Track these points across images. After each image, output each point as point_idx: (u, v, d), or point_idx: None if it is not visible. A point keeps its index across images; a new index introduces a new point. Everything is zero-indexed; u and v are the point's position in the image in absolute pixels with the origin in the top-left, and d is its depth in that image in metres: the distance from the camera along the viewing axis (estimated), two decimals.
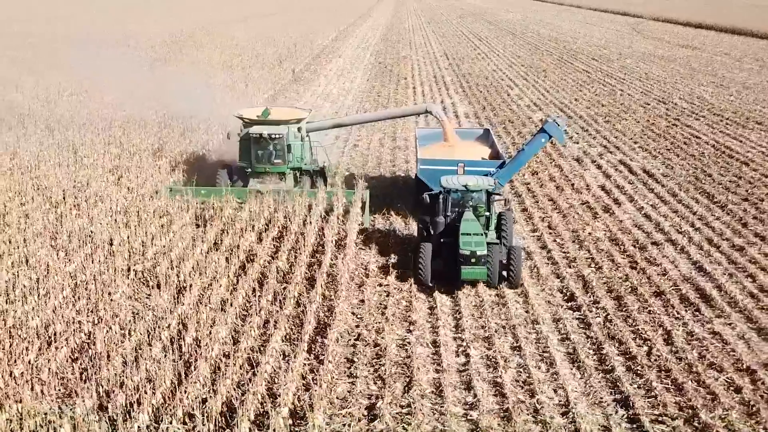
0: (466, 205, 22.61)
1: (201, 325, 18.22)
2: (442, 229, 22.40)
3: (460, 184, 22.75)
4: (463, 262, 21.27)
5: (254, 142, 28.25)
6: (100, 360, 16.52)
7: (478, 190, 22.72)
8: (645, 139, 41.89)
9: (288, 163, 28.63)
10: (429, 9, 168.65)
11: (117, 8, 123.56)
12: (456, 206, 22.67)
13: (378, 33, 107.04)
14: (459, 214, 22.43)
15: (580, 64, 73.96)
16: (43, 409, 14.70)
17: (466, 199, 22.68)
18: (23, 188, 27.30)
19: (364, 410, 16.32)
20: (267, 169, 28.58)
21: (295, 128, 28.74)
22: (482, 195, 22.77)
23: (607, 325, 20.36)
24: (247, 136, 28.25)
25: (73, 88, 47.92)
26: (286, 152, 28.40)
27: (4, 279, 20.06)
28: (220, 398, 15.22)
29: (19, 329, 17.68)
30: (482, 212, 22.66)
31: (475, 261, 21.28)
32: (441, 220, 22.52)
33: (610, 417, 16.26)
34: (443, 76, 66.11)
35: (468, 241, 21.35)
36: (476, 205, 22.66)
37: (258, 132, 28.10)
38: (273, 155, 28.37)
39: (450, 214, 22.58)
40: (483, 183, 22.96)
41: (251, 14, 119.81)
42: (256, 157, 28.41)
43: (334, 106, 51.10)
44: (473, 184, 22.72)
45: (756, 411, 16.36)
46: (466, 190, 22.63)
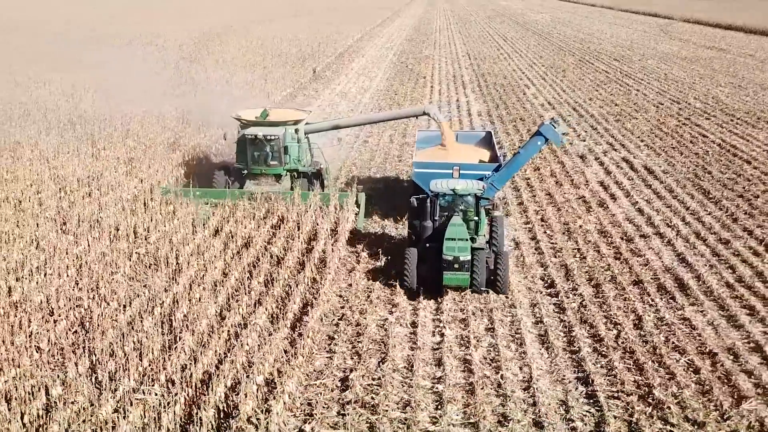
0: (455, 209, 22.31)
1: (192, 302, 19.46)
2: (429, 234, 22.02)
3: (448, 187, 22.29)
4: (446, 267, 20.92)
5: (250, 144, 27.98)
6: (95, 332, 17.79)
7: (467, 194, 22.32)
8: (652, 138, 42.49)
9: (284, 165, 28.41)
10: (459, 10, 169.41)
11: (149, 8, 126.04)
12: (445, 210, 22.33)
13: (404, 33, 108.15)
14: (448, 219, 22.03)
15: (601, 64, 74.36)
16: (39, 374, 16.00)
17: (456, 203, 22.32)
18: (40, 177, 28.80)
19: (338, 381, 17.46)
20: (263, 170, 28.41)
21: (292, 130, 28.49)
22: (471, 199, 22.36)
23: (581, 310, 21.28)
24: (244, 138, 28.09)
25: (98, 85, 49.55)
26: (282, 154, 28.17)
27: (15, 259, 21.50)
28: (201, 367, 16.41)
29: (23, 303, 19.06)
30: (471, 216, 22.26)
31: (458, 267, 20.92)
32: (429, 224, 22.14)
33: (568, 393, 17.21)
34: (462, 75, 67.03)
35: (451, 246, 20.96)
36: (466, 209, 22.30)
37: (253, 133, 27.90)
38: (269, 157, 28.16)
39: (439, 218, 22.20)
40: (472, 187, 22.52)
41: (280, 15, 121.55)
42: (252, 159, 28.18)
43: (350, 104, 52.28)
44: (461, 188, 22.30)
45: (709, 390, 17.19)
46: (454, 194, 22.23)
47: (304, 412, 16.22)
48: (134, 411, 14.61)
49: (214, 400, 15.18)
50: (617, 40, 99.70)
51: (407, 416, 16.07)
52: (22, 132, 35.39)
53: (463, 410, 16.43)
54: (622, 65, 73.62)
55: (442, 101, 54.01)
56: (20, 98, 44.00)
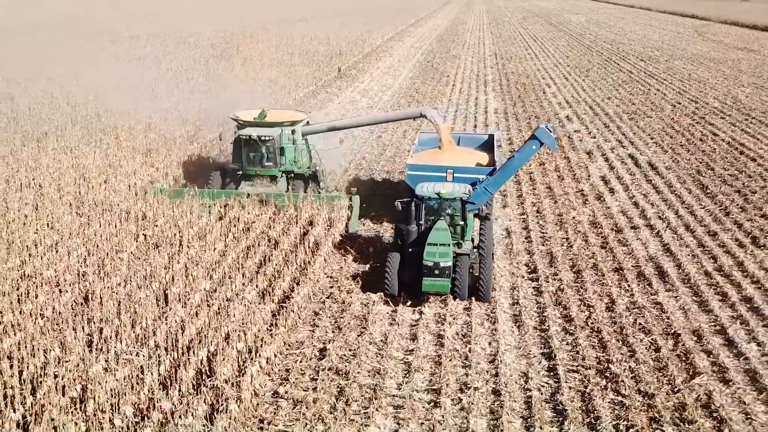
0: (442, 213, 21.87)
1: (189, 279, 20.93)
2: (414, 238, 21.59)
3: (433, 191, 21.87)
4: (426, 273, 20.47)
5: (245, 144, 27.82)
6: (95, 302, 19.34)
7: (452, 199, 21.81)
8: (662, 136, 43.18)
9: (280, 167, 28.23)
10: (495, 11, 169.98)
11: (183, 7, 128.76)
12: (431, 214, 21.87)
13: (435, 33, 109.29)
14: (434, 223, 21.66)
15: (626, 64, 74.79)
16: (42, 339, 17.56)
17: (443, 207, 21.85)
18: (62, 165, 30.55)
19: (316, 352, 18.80)
20: (258, 171, 28.17)
21: (288, 131, 28.23)
22: (457, 203, 21.90)
23: (557, 294, 22.34)
24: (239, 138, 28.02)
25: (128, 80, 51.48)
26: (278, 155, 27.97)
27: (31, 238, 23.20)
28: (188, 335, 17.85)
29: (33, 277, 20.69)
30: (457, 221, 21.87)
31: (438, 273, 20.45)
32: (413, 229, 21.72)
33: (531, 366, 18.34)
34: (486, 74, 68.03)
35: (432, 251, 20.52)
36: (453, 214, 21.88)
37: (248, 134, 27.73)
38: (264, 158, 27.96)
39: (424, 222, 21.76)
40: (457, 191, 21.99)
41: (316, 15, 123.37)
42: (247, 160, 28.01)
43: (370, 101, 53.61)
44: (447, 191, 21.83)
45: (665, 366, 18.18)
46: (438, 198, 21.77)
47: (281, 376, 17.57)
48: (121, 370, 16.06)
49: (195, 361, 16.58)
50: (648, 41, 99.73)
51: (376, 383, 17.34)
52: (50, 123, 37.30)
53: (429, 379, 17.64)
54: (648, 65, 73.96)
55: (461, 99, 55.09)
56: (52, 92, 46.05)
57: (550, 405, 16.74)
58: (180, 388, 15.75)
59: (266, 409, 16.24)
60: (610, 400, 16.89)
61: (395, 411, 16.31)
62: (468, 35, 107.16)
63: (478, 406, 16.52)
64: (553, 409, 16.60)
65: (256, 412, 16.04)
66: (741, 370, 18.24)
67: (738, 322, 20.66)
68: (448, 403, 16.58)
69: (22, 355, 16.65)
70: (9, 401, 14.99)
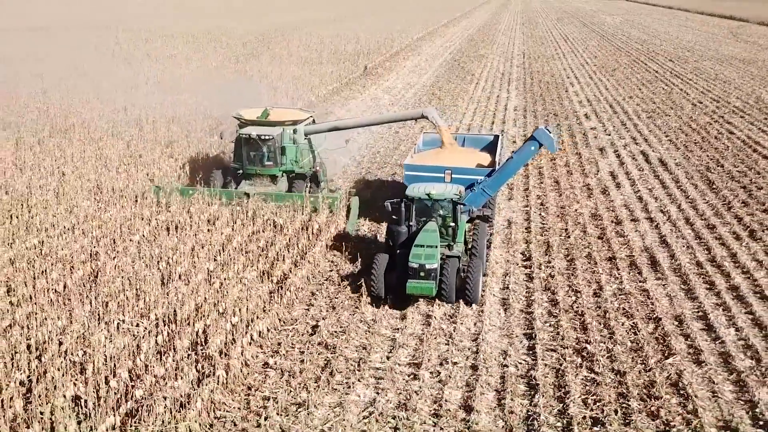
0: (433, 214, 21.64)
1: (195, 260, 22.12)
2: (404, 239, 21.32)
3: (423, 192, 21.61)
4: (411, 275, 20.11)
5: (245, 143, 27.76)
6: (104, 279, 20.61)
7: (442, 199, 21.53)
8: (677, 133, 43.55)
9: (280, 166, 28.16)
10: (530, 11, 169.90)
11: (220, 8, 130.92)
12: (423, 215, 21.67)
13: (467, 33, 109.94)
14: (425, 224, 21.51)
15: (654, 64, 74.83)
16: (51, 310, 18.86)
17: (435, 208, 21.59)
18: (86, 155, 32.03)
19: (309, 328, 19.86)
20: (258, 171, 28.05)
21: (290, 131, 28.13)
22: (448, 204, 21.63)
23: (548, 280, 23.13)
24: (240, 137, 27.97)
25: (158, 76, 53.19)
26: (278, 155, 27.88)
27: (50, 221, 24.61)
28: (187, 309, 19.01)
29: (49, 255, 22.05)
30: (448, 222, 21.63)
31: (424, 275, 20.07)
32: (403, 230, 21.47)
33: (512, 345, 19.20)
34: (511, 73, 68.64)
35: (419, 253, 20.19)
36: (444, 215, 21.66)
37: (248, 133, 27.69)
38: (264, 157, 27.88)
39: (414, 223, 21.55)
40: (448, 192, 21.77)
41: (349, 15, 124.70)
42: (248, 159, 27.94)
43: (393, 99, 54.61)
44: (437, 192, 21.57)
45: (641, 348, 18.93)
46: (428, 199, 21.52)
47: (273, 349, 18.65)
48: (121, 338, 17.26)
49: (190, 331, 17.73)
50: (680, 41, 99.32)
51: (361, 357, 18.35)
52: (78, 116, 38.90)
53: (412, 354, 18.60)
54: (675, 66, 73.92)
55: (482, 97, 55.83)
56: (84, 88, 47.80)
57: (525, 380, 17.59)
58: (174, 357, 16.88)
59: (255, 378, 17.32)
60: (582, 377, 17.69)
61: (376, 382, 17.28)
62: (499, 35, 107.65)
63: (455, 380, 17.43)
64: (526, 384, 17.45)
65: (245, 380, 17.14)
66: (716, 353, 18.89)
67: (721, 308, 21.27)
68: (427, 376, 17.53)
69: (31, 324, 17.92)
70: (16, 364, 16.23)
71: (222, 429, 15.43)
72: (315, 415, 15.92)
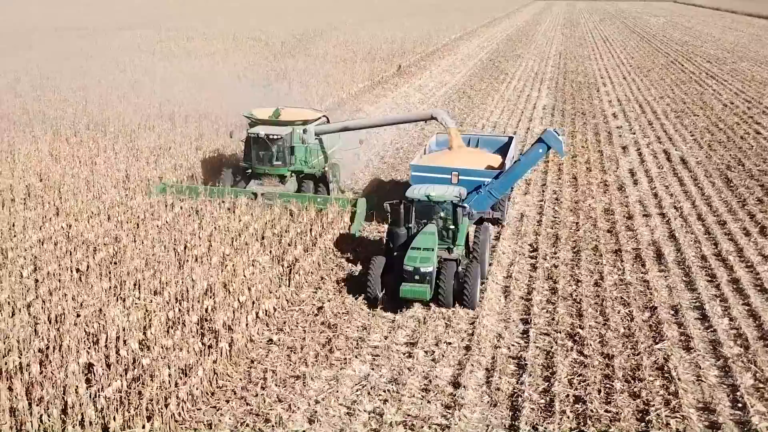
0: (433, 216, 21.30)
1: (211, 243, 23.27)
2: (403, 241, 21.03)
3: (423, 194, 21.26)
4: (406, 278, 19.79)
5: (254, 143, 27.83)
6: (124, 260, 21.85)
7: (442, 201, 21.19)
8: (703, 133, 43.70)
9: (289, 166, 28.17)
10: (573, 13, 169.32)
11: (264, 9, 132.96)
12: (423, 217, 21.34)
13: (505, 34, 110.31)
14: (425, 226, 21.25)
15: (690, 65, 74.58)
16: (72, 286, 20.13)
17: (435, 210, 21.24)
18: (118, 146, 33.47)
19: (315, 309, 20.85)
20: (267, 170, 28.10)
21: (300, 130, 28.17)
22: (448, 207, 21.28)
23: (551, 270, 23.81)
24: (250, 136, 28.06)
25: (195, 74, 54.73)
26: (287, 155, 27.88)
27: (79, 207, 25.98)
28: (199, 288, 20.12)
29: (74, 238, 23.37)
30: (449, 225, 21.30)
31: (419, 278, 19.74)
32: (402, 232, 21.15)
33: (507, 329, 19.96)
34: (544, 72, 69.04)
35: (414, 256, 19.88)
36: (445, 217, 21.30)
37: (256, 132, 27.82)
38: (273, 157, 27.92)
39: (414, 225, 21.29)
40: (448, 194, 21.37)
41: (389, 15, 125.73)
42: (257, 158, 28.03)
43: (423, 97, 55.48)
44: (436, 194, 21.18)
45: (632, 333, 19.57)
46: (428, 201, 21.20)
47: (278, 327, 19.68)
48: (134, 313, 18.42)
49: (199, 308, 18.84)
50: (722, 43, 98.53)
51: (361, 336, 19.29)
52: (113, 110, 40.47)
53: (410, 334, 19.48)
54: (712, 66, 73.60)
55: (513, 95, 56.40)
56: (121, 83, 49.50)
57: (515, 361, 18.36)
58: (182, 330, 17.99)
59: (258, 353, 18.36)
60: (572, 360, 18.38)
61: (372, 359, 18.20)
62: (539, 36, 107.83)
63: (448, 358, 18.27)
64: (516, 364, 18.22)
65: (249, 354, 18.19)
66: (706, 340, 19.44)
67: (718, 300, 21.76)
68: (421, 354, 18.40)
69: (53, 299, 19.19)
70: (36, 332, 17.49)
71: (222, 397, 16.47)
72: (311, 386, 16.88)
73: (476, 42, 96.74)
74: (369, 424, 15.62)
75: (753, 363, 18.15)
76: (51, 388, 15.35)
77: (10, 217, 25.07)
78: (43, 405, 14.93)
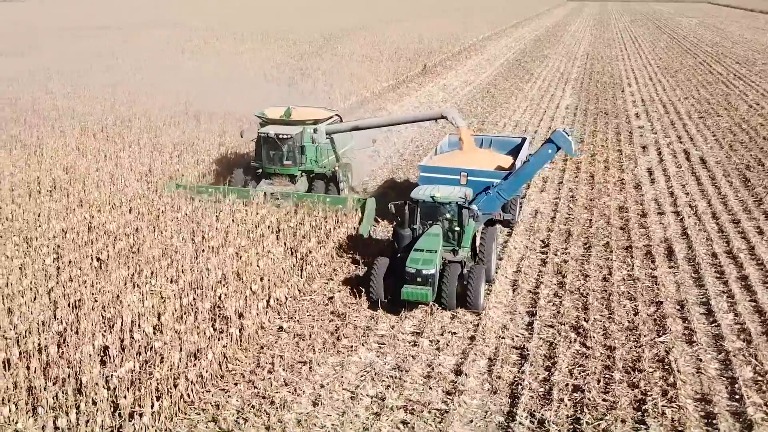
0: (438, 217, 21.18)
1: (227, 235, 23.94)
2: (408, 242, 20.83)
3: (428, 194, 21.08)
4: (408, 280, 19.63)
5: (265, 142, 27.94)
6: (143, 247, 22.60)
7: (447, 203, 21.00)
8: (725, 133, 43.62)
9: (300, 166, 28.27)
10: (604, 13, 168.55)
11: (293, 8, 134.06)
12: (428, 218, 21.23)
13: (534, 34, 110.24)
14: (430, 227, 21.15)
15: (719, 66, 74.14)
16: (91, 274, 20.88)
17: (441, 211, 21.08)
18: (143, 141, 34.33)
19: (326, 299, 21.43)
20: (277, 170, 28.19)
21: (310, 130, 28.25)
22: (454, 208, 21.12)
23: (560, 264, 24.15)
24: (260, 136, 28.20)
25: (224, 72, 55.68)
26: (297, 154, 27.98)
27: (102, 199, 26.83)
28: (213, 277, 20.78)
29: (97, 228, 24.17)
30: (454, 226, 21.12)
31: (421, 280, 19.57)
32: (407, 233, 20.93)
33: (513, 320, 20.37)
34: (570, 73, 69.09)
35: (416, 257, 19.70)
36: (450, 218, 21.14)
37: (266, 132, 27.99)
38: (284, 156, 28.02)
39: (419, 226, 21.20)
40: (453, 195, 21.16)
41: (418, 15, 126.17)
42: (267, 158, 28.15)
43: (447, 95, 55.87)
44: (441, 195, 21.00)
45: (636, 327, 19.88)
46: (432, 202, 21.04)
47: (289, 316, 20.27)
48: (150, 299, 19.11)
49: (212, 295, 19.49)
50: (754, 44, 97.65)
51: (369, 325, 19.81)
52: (140, 107, 41.41)
53: (417, 324, 19.97)
54: (741, 68, 73.09)
55: (536, 95, 56.61)
56: (149, 82, 50.56)
57: (518, 351, 18.76)
58: (196, 317, 18.63)
59: (268, 339, 18.96)
60: (574, 351, 18.74)
61: (378, 347, 18.72)
62: (567, 36, 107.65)
63: (452, 348, 18.73)
64: (519, 354, 18.62)
65: (259, 340, 18.79)
66: (709, 335, 19.67)
67: (725, 296, 21.95)
68: (426, 343, 18.89)
69: (73, 285, 19.95)
70: (55, 316, 18.24)
71: (231, 380, 17.08)
72: (317, 371, 17.44)
73: (504, 42, 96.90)
74: (371, 407, 16.13)
75: (754, 357, 18.37)
76: (67, 368, 16.03)
77: (36, 207, 25.94)
78: (58, 383, 15.61)
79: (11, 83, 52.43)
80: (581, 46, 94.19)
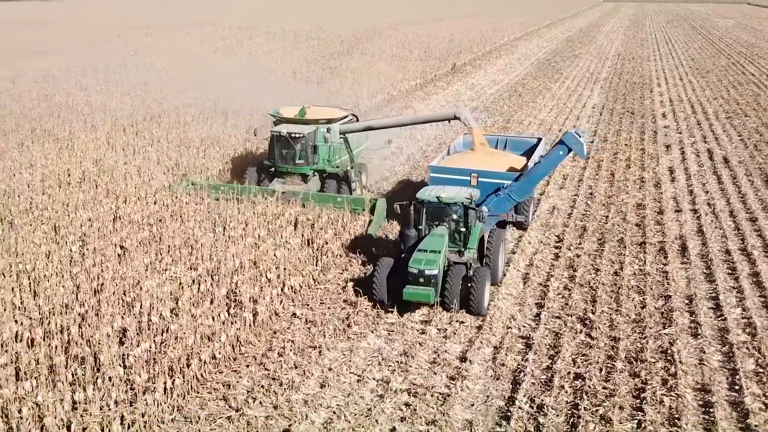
0: (444, 218, 21.06)
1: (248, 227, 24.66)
2: (413, 243, 20.72)
3: (434, 195, 20.95)
4: (411, 281, 19.50)
5: (278, 141, 28.07)
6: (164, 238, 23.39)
7: (452, 203, 20.86)
8: (751, 134, 43.47)
9: (312, 165, 28.33)
10: (639, 14, 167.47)
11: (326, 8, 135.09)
12: (434, 219, 21.12)
13: (567, 35, 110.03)
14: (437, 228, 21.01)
15: (752, 67, 73.58)
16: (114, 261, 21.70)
17: (447, 211, 20.96)
18: (171, 136, 35.26)
19: (339, 288, 22.04)
20: (289, 169, 28.26)
21: (323, 129, 28.32)
22: (460, 208, 21.01)
23: (572, 259, 24.50)
24: (273, 135, 28.35)
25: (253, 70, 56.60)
26: (310, 153, 28.05)
27: (128, 191, 27.69)
28: (231, 265, 21.48)
29: (122, 218, 25.02)
30: (460, 227, 21.01)
31: (423, 281, 19.42)
32: (412, 233, 20.87)
33: (521, 311, 20.81)
34: (600, 72, 69.06)
35: (419, 258, 19.52)
36: (458, 219, 20.99)
37: (278, 131, 28.16)
38: (296, 155, 28.06)
39: (425, 226, 21.07)
40: (458, 195, 20.97)
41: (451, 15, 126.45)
42: (280, 157, 28.26)
43: (474, 94, 56.25)
44: (447, 196, 20.84)
45: (642, 319, 20.21)
46: (438, 202, 20.94)
47: (303, 303, 20.91)
48: (168, 285, 19.86)
49: (227, 282, 20.19)
50: None
51: (380, 313, 20.38)
52: (169, 104, 42.41)
53: (426, 313, 20.49)
54: None
55: (564, 94, 56.76)
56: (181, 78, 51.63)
57: (524, 340, 19.20)
58: (212, 301, 19.35)
59: (282, 325, 19.61)
60: (579, 341, 19.13)
61: (387, 334, 19.28)
62: (601, 36, 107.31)
63: (459, 336, 19.23)
64: (524, 343, 19.06)
65: (273, 326, 19.46)
66: (715, 328, 19.93)
67: (734, 291, 22.17)
68: (434, 331, 19.41)
69: (96, 270, 20.77)
70: (77, 299, 19.06)
71: (243, 362, 17.75)
72: (326, 356, 18.06)
73: (536, 42, 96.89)
74: (376, 390, 16.69)
75: (757, 350, 18.62)
76: (87, 347, 16.80)
77: (66, 198, 26.86)
78: (77, 361, 16.38)
79: (48, 80, 53.81)
80: (613, 46, 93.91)
